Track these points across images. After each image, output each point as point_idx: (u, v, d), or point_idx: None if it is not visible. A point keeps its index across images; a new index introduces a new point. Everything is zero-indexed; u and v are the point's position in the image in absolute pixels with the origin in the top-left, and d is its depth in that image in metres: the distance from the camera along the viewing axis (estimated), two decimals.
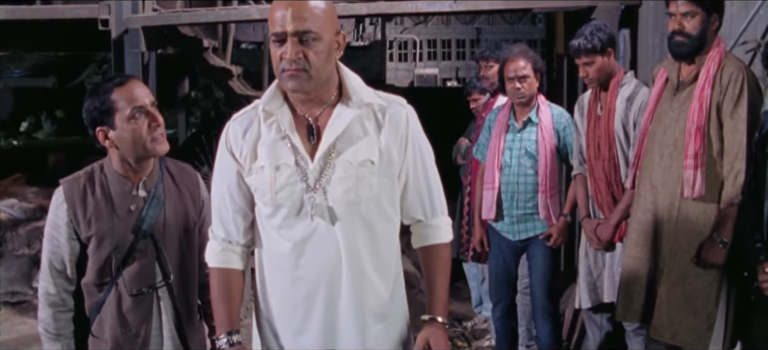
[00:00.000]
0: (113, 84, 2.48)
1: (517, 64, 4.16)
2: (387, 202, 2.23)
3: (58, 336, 2.57)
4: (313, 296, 2.18)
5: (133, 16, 5.65)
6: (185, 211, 2.63)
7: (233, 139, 2.22)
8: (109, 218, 2.51)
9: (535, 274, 4.30)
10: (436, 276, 2.31)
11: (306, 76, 2.07)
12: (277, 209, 2.17)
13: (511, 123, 4.26)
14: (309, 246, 2.16)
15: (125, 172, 2.55)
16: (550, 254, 4.26)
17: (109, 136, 2.49)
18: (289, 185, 2.14)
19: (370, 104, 2.20)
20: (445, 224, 2.35)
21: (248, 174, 2.20)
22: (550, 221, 4.20)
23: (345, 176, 2.14)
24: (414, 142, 2.25)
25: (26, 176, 10.75)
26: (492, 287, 4.55)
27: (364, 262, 2.19)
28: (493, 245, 4.42)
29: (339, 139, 2.15)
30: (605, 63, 3.89)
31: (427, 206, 2.31)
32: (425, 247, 2.34)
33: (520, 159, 4.20)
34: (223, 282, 2.27)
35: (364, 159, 2.15)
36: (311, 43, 2.05)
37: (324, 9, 2.09)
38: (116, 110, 2.45)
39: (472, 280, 5.77)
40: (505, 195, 4.24)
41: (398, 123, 2.21)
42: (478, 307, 5.82)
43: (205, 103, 19.40)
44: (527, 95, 4.17)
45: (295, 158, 2.14)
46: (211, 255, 2.30)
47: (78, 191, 2.52)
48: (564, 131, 4.24)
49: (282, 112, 2.16)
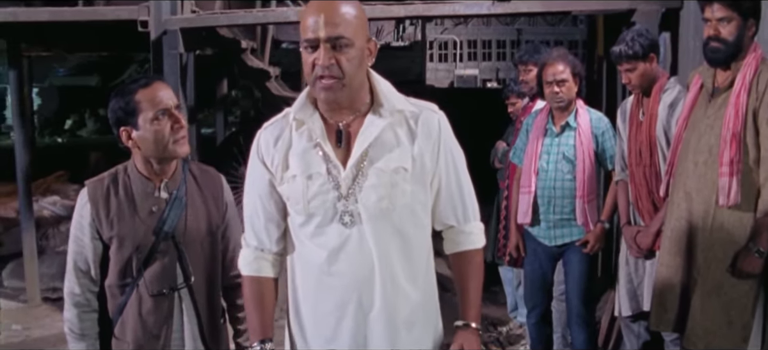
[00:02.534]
0: (138, 85, 2.49)
1: (555, 68, 4.11)
2: (420, 209, 2.21)
3: (82, 336, 2.59)
4: (344, 304, 2.17)
5: (172, 18, 5.68)
6: (207, 213, 2.64)
7: (265, 148, 2.21)
8: (130, 219, 2.53)
9: (570, 280, 4.25)
10: (469, 281, 2.29)
11: (339, 84, 2.05)
12: (310, 217, 2.16)
13: (548, 127, 4.21)
14: (341, 255, 2.15)
15: (148, 173, 2.57)
16: (586, 260, 4.20)
17: (133, 136, 2.50)
18: (322, 193, 2.13)
19: (402, 110, 2.18)
20: (477, 230, 2.33)
21: (280, 183, 2.19)
22: (588, 227, 4.15)
23: (378, 184, 2.12)
24: (446, 148, 2.22)
25: (68, 173, 10.94)
26: (527, 292, 4.51)
27: (396, 270, 2.17)
28: (529, 250, 4.38)
29: (371, 146, 2.13)
30: (647, 69, 3.82)
31: (460, 211, 2.29)
32: (458, 253, 2.32)
33: (557, 164, 4.15)
34: (255, 289, 2.27)
35: (397, 166, 2.13)
36: (344, 49, 2.03)
37: (356, 15, 2.07)
38: (140, 111, 2.46)
39: (508, 285, 5.73)
40: (542, 200, 4.19)
41: (430, 129, 2.19)
42: (513, 312, 5.77)
43: (245, 102, 19.54)
44: (566, 100, 4.12)
45: (327, 166, 2.13)
46: (243, 263, 2.30)
47: (101, 192, 2.54)
48: (602, 135, 4.18)
49: (313, 120, 2.15)
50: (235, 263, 2.68)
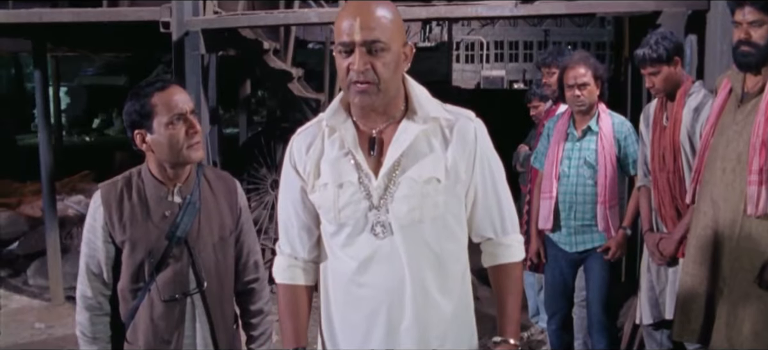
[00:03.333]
0: (154, 88, 2.47)
1: (576, 72, 4.05)
2: (453, 221, 2.15)
3: (94, 340, 2.58)
4: (374, 315, 2.12)
5: (193, 19, 5.69)
6: (221, 219, 2.61)
7: (297, 154, 2.18)
8: (143, 223, 2.51)
9: (592, 287, 4.19)
10: (508, 296, 2.21)
11: (375, 90, 1.99)
12: (341, 227, 2.12)
13: (570, 132, 4.15)
14: (372, 265, 2.10)
15: (161, 177, 2.54)
16: (608, 267, 4.13)
17: (147, 139, 2.47)
18: (353, 203, 2.08)
19: (437, 118, 2.11)
20: (516, 243, 2.25)
21: (312, 191, 2.15)
22: (609, 234, 4.09)
23: (410, 194, 2.06)
24: (483, 157, 2.15)
25: (94, 173, 11.03)
26: (548, 298, 4.47)
27: (428, 282, 2.11)
28: (549, 256, 4.32)
29: (404, 155, 2.07)
30: (672, 73, 3.74)
31: (498, 223, 2.22)
32: (496, 266, 2.24)
33: (578, 169, 4.09)
34: (289, 298, 2.24)
35: (429, 177, 2.07)
36: (380, 53, 1.97)
37: (392, 19, 2.01)
38: (155, 114, 2.44)
39: (529, 289, 5.66)
40: (563, 205, 4.13)
41: (466, 138, 2.12)
42: (535, 317, 5.72)
43: (272, 102, 19.60)
44: (587, 103, 4.06)
45: (359, 175, 2.08)
46: (278, 271, 2.27)
47: (115, 195, 2.53)
48: (625, 140, 4.11)
49: (346, 127, 2.10)
50: (248, 268, 2.67)
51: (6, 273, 8.06)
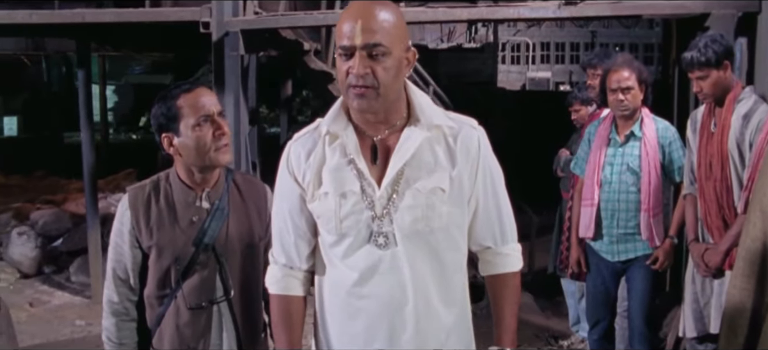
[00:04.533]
0: (180, 90, 2.43)
1: (620, 75, 3.92)
2: (456, 231, 2.10)
3: (120, 345, 2.55)
4: (375, 327, 2.07)
5: (233, 20, 5.69)
6: (250, 225, 2.55)
7: (295, 162, 2.11)
8: (170, 228, 2.46)
9: (634, 298, 4.07)
10: (505, 305, 2.19)
11: (374, 94, 1.93)
12: (342, 237, 2.06)
13: (612, 137, 4.04)
14: (373, 276, 2.05)
15: (189, 182, 2.49)
16: (651, 277, 4.01)
17: (174, 143, 2.43)
18: (355, 213, 2.03)
19: (440, 126, 2.06)
20: (515, 252, 2.21)
21: (311, 200, 2.09)
22: (653, 242, 3.96)
23: (414, 205, 2.01)
24: (485, 166, 2.11)
25: (137, 171, 11.15)
26: (590, 308, 4.35)
27: (430, 294, 2.07)
28: (591, 265, 4.21)
29: (407, 164, 2.02)
30: (721, 77, 3.60)
31: (498, 233, 2.17)
32: (494, 275, 2.21)
33: (621, 175, 3.97)
34: (283, 308, 2.18)
35: (434, 187, 2.02)
36: (380, 58, 1.92)
37: (394, 23, 1.95)
38: (182, 117, 2.40)
39: (570, 297, 5.55)
40: (605, 213, 4.02)
41: (469, 147, 2.08)
42: (575, 326, 5.60)
43: (316, 102, 19.63)
44: (631, 108, 3.93)
45: (361, 184, 2.02)
46: (271, 281, 2.21)
47: (142, 199, 2.49)
48: (670, 146, 3.98)
49: (347, 134, 2.04)
50: None
51: (50, 270, 8.19)
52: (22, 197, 10.68)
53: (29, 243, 8.12)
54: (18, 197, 10.67)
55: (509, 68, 41.96)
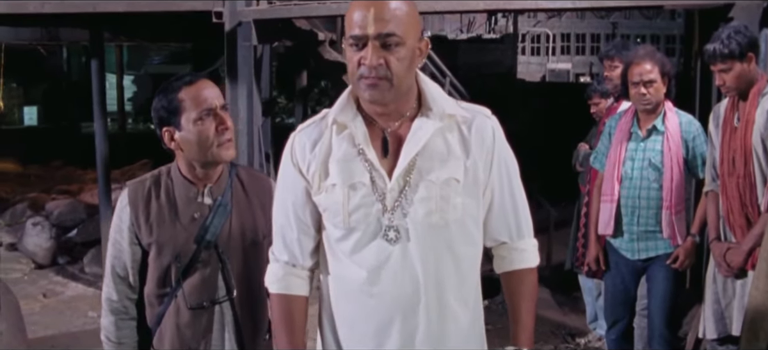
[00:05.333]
0: (182, 83, 2.33)
1: (642, 68, 3.79)
2: (471, 224, 2.00)
3: (119, 345, 2.46)
4: (386, 328, 1.97)
5: (245, 9, 5.63)
6: (254, 222, 2.45)
7: (300, 152, 2.02)
8: (171, 225, 2.37)
9: (654, 298, 3.95)
10: (522, 303, 2.09)
11: (387, 85, 1.85)
12: (350, 232, 1.96)
13: (633, 131, 3.91)
14: (384, 273, 1.95)
15: (191, 177, 2.40)
16: (672, 276, 3.89)
17: (175, 137, 2.33)
18: (364, 205, 1.93)
19: (453, 115, 1.97)
20: (531, 247, 2.12)
21: (317, 193, 1.99)
22: (674, 241, 3.84)
23: (427, 197, 1.92)
24: (500, 157, 2.02)
25: (153, 161, 11.13)
26: (608, 307, 4.24)
27: (445, 291, 1.97)
28: (610, 262, 4.09)
29: (420, 155, 1.93)
30: (745, 70, 3.48)
31: (513, 227, 2.08)
32: (510, 272, 2.11)
33: (642, 171, 3.85)
34: (284, 309, 2.08)
35: (448, 177, 1.93)
36: (394, 48, 1.83)
37: (407, 11, 1.87)
38: (183, 111, 2.30)
39: (587, 294, 5.45)
40: (625, 210, 3.90)
41: (484, 136, 1.98)
42: (592, 323, 5.50)
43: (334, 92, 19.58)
44: (653, 102, 3.81)
45: (371, 175, 1.93)
46: (271, 280, 2.11)
47: (142, 195, 2.40)
48: (693, 141, 3.85)
49: (356, 124, 1.95)
50: None
51: (64, 260, 8.17)
52: (39, 187, 10.71)
53: (44, 234, 8.11)
54: (35, 187, 10.71)
55: (529, 59, 41.70)
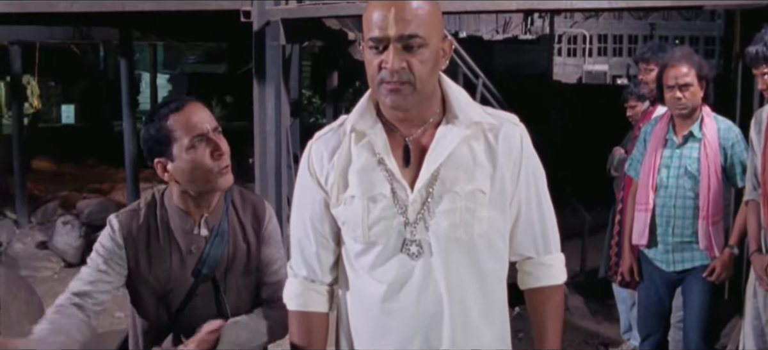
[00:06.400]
0: (169, 110, 2.17)
1: (678, 71, 3.64)
2: (498, 238, 1.89)
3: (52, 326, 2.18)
4: (406, 346, 1.87)
5: (274, 8, 5.57)
6: (248, 249, 2.31)
7: (318, 162, 1.92)
8: (167, 260, 2.24)
9: (690, 311, 3.79)
10: (548, 322, 1.98)
11: (410, 90, 1.74)
12: (370, 246, 1.86)
13: (669, 137, 3.76)
14: (405, 290, 1.85)
15: (186, 207, 2.24)
16: (709, 290, 3.73)
17: (168, 168, 2.17)
18: (385, 218, 1.82)
19: (479, 122, 1.85)
20: (558, 262, 2.00)
21: (335, 205, 1.89)
22: (711, 252, 3.68)
23: (451, 209, 1.81)
24: (528, 167, 1.90)
25: None
26: (641, 319, 4.10)
27: (469, 308, 1.87)
28: (644, 273, 3.95)
29: (443, 165, 1.81)
30: None
31: (540, 241, 1.96)
32: (536, 289, 1.99)
33: (678, 179, 3.70)
34: (303, 327, 1.98)
35: (473, 189, 1.82)
36: (417, 50, 1.73)
37: (430, 10, 1.76)
38: (174, 139, 2.14)
39: (621, 303, 5.29)
40: (660, 219, 3.75)
41: (511, 145, 1.87)
42: (626, 333, 5.34)
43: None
44: (689, 106, 3.65)
45: (392, 186, 1.82)
46: (290, 296, 2.01)
47: (136, 226, 2.25)
48: (732, 148, 3.69)
49: (375, 131, 1.84)
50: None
51: None
52: (72, 185, 10.76)
53: (73, 232, 8.13)
54: (67, 186, 10.76)
55: (565, 61, 41.45)
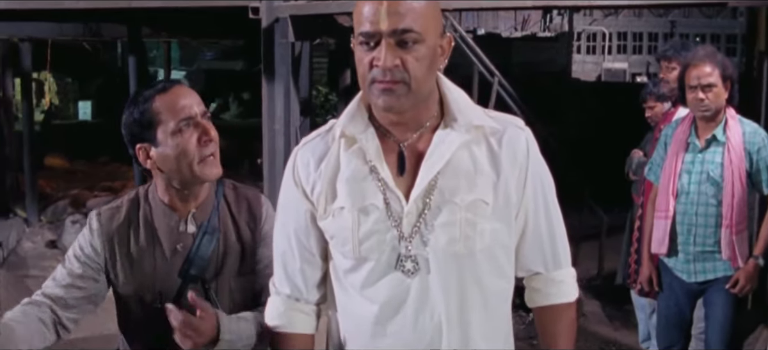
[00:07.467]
0: (155, 91, 2.02)
1: (701, 70, 3.47)
2: (502, 253, 1.73)
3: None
4: None
5: (282, 5, 5.47)
6: (242, 249, 2.14)
7: (303, 170, 1.76)
8: (151, 260, 2.09)
9: (712, 324, 3.64)
10: (560, 342, 1.83)
11: (404, 90, 1.59)
12: (361, 262, 1.70)
13: (691, 141, 3.59)
14: (401, 310, 1.70)
15: (171, 202, 2.09)
16: (732, 302, 3.57)
17: (151, 155, 2.03)
18: (377, 232, 1.67)
19: (481, 126, 1.70)
20: (569, 278, 1.85)
21: (323, 217, 1.73)
22: (734, 262, 3.52)
23: (450, 221, 1.66)
24: (535, 175, 1.75)
25: None
26: (661, 331, 3.94)
27: (471, 329, 1.71)
28: (664, 283, 3.79)
29: (442, 173, 1.66)
30: None
31: (549, 256, 1.81)
32: (546, 307, 1.84)
33: (700, 185, 3.54)
34: (287, 349, 1.84)
35: (474, 199, 1.66)
36: (411, 46, 1.58)
37: (426, 3, 1.61)
38: (159, 123, 1.99)
39: (640, 311, 5.11)
40: (681, 227, 3.59)
41: (516, 151, 1.71)
42: (645, 342, 5.16)
43: None
44: (712, 108, 3.48)
45: (385, 196, 1.67)
46: (272, 315, 1.86)
47: (117, 225, 2.10)
48: (758, 153, 3.52)
49: (367, 136, 1.69)
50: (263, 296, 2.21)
51: None
52: (83, 183, 10.68)
53: None
54: (79, 183, 10.69)
55: (584, 58, 41.18)
